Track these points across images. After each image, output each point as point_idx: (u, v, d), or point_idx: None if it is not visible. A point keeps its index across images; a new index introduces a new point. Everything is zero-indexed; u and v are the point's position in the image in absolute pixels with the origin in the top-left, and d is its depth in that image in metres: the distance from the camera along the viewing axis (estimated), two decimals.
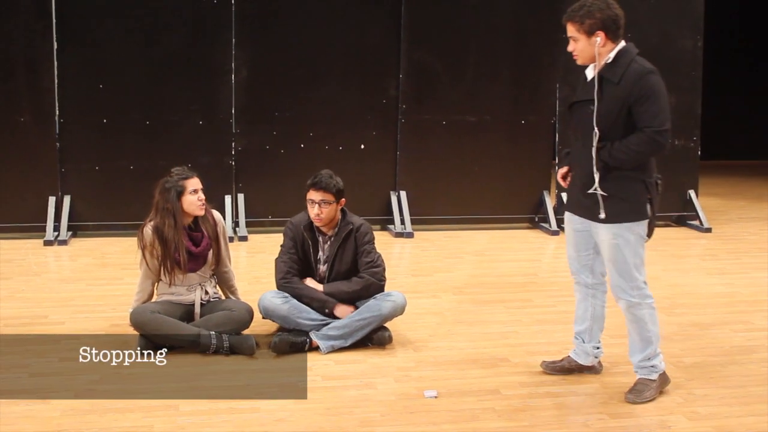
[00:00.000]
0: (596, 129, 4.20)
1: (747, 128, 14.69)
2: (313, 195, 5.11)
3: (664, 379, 4.50)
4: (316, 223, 5.16)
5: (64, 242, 7.95)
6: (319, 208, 5.10)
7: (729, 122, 14.15)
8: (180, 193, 5.05)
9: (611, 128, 4.20)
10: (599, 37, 4.19)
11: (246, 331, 5.10)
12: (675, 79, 8.96)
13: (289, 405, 4.26)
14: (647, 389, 4.41)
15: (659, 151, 4.20)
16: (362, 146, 8.73)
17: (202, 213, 5.12)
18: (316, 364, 4.82)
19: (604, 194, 4.24)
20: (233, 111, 8.40)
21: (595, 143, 4.21)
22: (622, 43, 4.25)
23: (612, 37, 4.21)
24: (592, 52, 4.23)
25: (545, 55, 8.90)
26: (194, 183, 5.10)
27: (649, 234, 4.36)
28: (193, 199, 5.07)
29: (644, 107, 4.14)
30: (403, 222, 8.69)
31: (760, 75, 14.79)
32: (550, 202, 8.99)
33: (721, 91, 13.33)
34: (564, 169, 4.57)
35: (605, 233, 4.31)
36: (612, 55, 4.22)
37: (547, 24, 8.86)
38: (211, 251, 5.18)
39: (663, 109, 4.17)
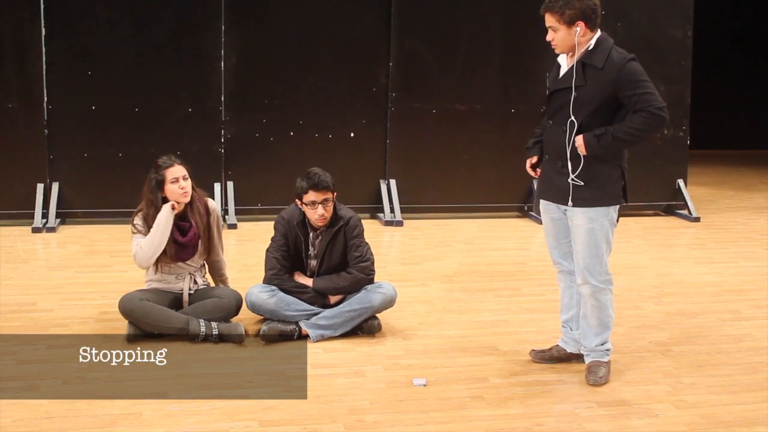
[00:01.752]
0: (572, 117, 4.27)
1: (736, 118, 14.74)
2: (315, 196, 5.00)
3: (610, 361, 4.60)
4: (320, 224, 5.09)
5: (52, 229, 7.92)
6: (323, 208, 5.03)
7: (718, 112, 14.20)
8: (161, 182, 5.02)
9: (594, 113, 4.25)
10: (579, 27, 4.25)
11: (235, 319, 5.10)
12: (664, 68, 9.00)
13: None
14: (602, 369, 4.50)
15: (663, 125, 4.31)
16: (352, 134, 8.72)
17: (185, 200, 5.06)
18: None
19: (580, 183, 4.29)
20: (222, 98, 8.38)
21: (567, 129, 4.29)
22: (599, 32, 4.33)
23: (591, 26, 4.28)
24: (572, 41, 4.30)
25: (535, 44, 8.87)
26: (174, 171, 5.02)
27: (617, 219, 4.45)
28: (174, 188, 5.02)
29: (637, 90, 4.20)
30: (392, 210, 8.69)
31: (750, 64, 14.83)
32: None
33: (710, 81, 13.36)
34: (534, 159, 4.61)
35: (581, 217, 4.36)
36: (592, 42, 4.30)
37: (537, 13, 8.78)
38: (200, 242, 5.15)
39: (654, 88, 4.26)
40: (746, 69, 14.78)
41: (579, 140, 4.26)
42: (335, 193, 5.11)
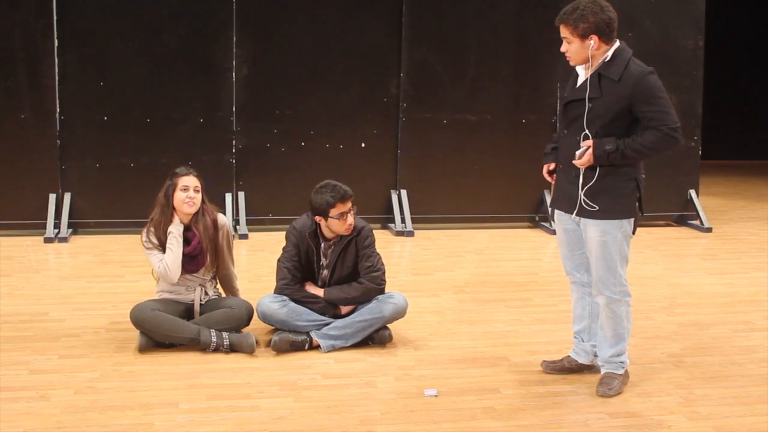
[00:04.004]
0: (586, 130, 4.24)
1: (748, 128, 14.71)
2: (343, 207, 5.01)
3: (627, 375, 4.57)
4: (348, 233, 5.10)
5: (64, 239, 7.95)
6: (352, 216, 5.06)
7: (730, 122, 14.18)
8: (172, 188, 5.07)
9: (609, 125, 4.21)
10: (593, 41, 4.20)
11: (246, 329, 5.10)
12: (676, 78, 8.99)
13: (289, 403, 4.26)
14: (614, 382, 4.47)
15: (674, 146, 4.24)
16: (363, 145, 8.73)
17: (189, 210, 5.09)
18: (316, 362, 4.83)
19: (594, 207, 4.27)
20: (234, 109, 8.40)
21: (581, 140, 4.26)
22: (617, 43, 4.27)
23: (605, 39, 4.23)
24: (585, 54, 4.25)
25: (546, 54, 8.90)
26: (186, 180, 5.07)
27: (633, 231, 4.41)
28: (182, 195, 5.05)
29: (653, 107, 4.16)
30: (403, 221, 8.69)
31: (761, 74, 14.80)
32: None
33: (722, 91, 13.34)
34: (551, 165, 4.58)
35: (594, 230, 4.33)
36: (609, 54, 4.24)
37: (547, 23, 8.80)
38: (207, 254, 5.15)
39: (671, 106, 4.21)
40: (758, 79, 14.75)
41: (589, 150, 4.20)
42: None
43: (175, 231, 5.04)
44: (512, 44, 8.87)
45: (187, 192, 5.05)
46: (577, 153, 4.26)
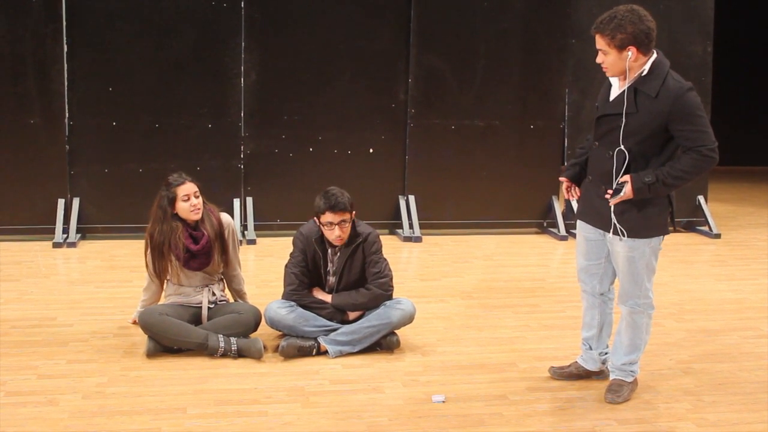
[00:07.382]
0: (622, 146, 4.14)
1: (757, 134, 14.65)
2: (332, 217, 4.97)
3: (636, 383, 4.55)
4: (337, 243, 5.08)
5: (73, 245, 7.97)
6: (339, 229, 5.01)
7: (739, 128, 14.12)
8: (172, 200, 5.08)
9: (643, 142, 4.11)
10: (630, 52, 4.05)
11: (254, 335, 5.11)
12: None
13: (297, 409, 4.27)
14: (624, 390, 4.46)
15: (712, 166, 4.12)
16: (371, 150, 8.73)
17: (196, 217, 5.11)
18: (324, 368, 4.83)
19: (624, 232, 4.20)
20: (242, 114, 8.41)
21: (615, 157, 4.16)
22: (654, 55, 4.14)
23: (644, 51, 4.08)
24: (622, 66, 4.10)
25: (554, 60, 8.90)
26: (186, 189, 5.09)
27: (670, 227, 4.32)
28: (185, 205, 5.08)
29: (690, 126, 4.04)
30: (411, 226, 8.69)
31: None
32: (558, 207, 8.98)
33: (730, 97, 13.29)
34: (568, 183, 4.52)
35: (621, 246, 4.27)
36: (647, 67, 4.11)
37: (556, 29, 8.86)
38: (216, 251, 5.17)
39: (708, 125, 4.10)
40: (767, 85, 14.70)
41: (627, 186, 4.10)
42: (354, 213, 5.11)
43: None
44: (520, 50, 8.87)
45: (189, 200, 5.07)
46: (613, 198, 4.15)
